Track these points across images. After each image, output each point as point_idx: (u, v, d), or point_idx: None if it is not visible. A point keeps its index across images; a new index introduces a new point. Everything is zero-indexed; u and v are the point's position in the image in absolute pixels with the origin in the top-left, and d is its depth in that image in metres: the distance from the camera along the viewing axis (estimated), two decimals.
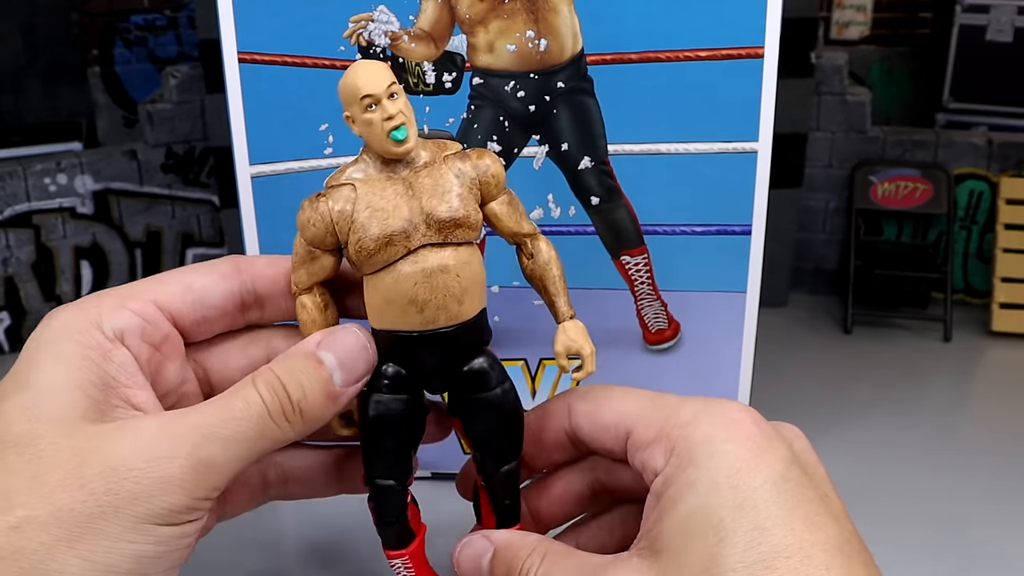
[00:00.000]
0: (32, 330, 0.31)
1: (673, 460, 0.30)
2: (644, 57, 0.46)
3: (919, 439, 0.60)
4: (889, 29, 1.09)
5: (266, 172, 0.46)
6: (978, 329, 0.76)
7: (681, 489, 0.30)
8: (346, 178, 0.32)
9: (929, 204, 0.78)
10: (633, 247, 0.49)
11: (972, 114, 0.98)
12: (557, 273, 0.35)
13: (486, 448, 0.35)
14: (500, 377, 0.34)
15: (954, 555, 0.48)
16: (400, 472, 0.34)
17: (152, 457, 0.28)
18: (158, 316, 0.33)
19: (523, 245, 0.35)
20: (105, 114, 0.95)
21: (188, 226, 0.81)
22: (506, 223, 0.34)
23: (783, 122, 0.48)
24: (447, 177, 0.32)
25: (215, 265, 0.35)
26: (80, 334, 0.30)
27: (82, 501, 0.27)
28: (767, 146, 0.47)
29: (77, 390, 0.29)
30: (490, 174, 0.33)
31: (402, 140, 0.31)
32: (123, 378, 0.31)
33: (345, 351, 0.32)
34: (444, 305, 0.32)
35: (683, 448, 0.30)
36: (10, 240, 0.72)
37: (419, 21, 0.45)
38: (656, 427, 0.32)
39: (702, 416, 0.31)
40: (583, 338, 0.35)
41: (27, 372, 0.30)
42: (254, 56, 0.45)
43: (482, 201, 0.33)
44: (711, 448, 0.30)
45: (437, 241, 0.32)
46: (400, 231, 0.31)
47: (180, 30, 0.96)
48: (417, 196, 0.32)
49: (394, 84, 0.31)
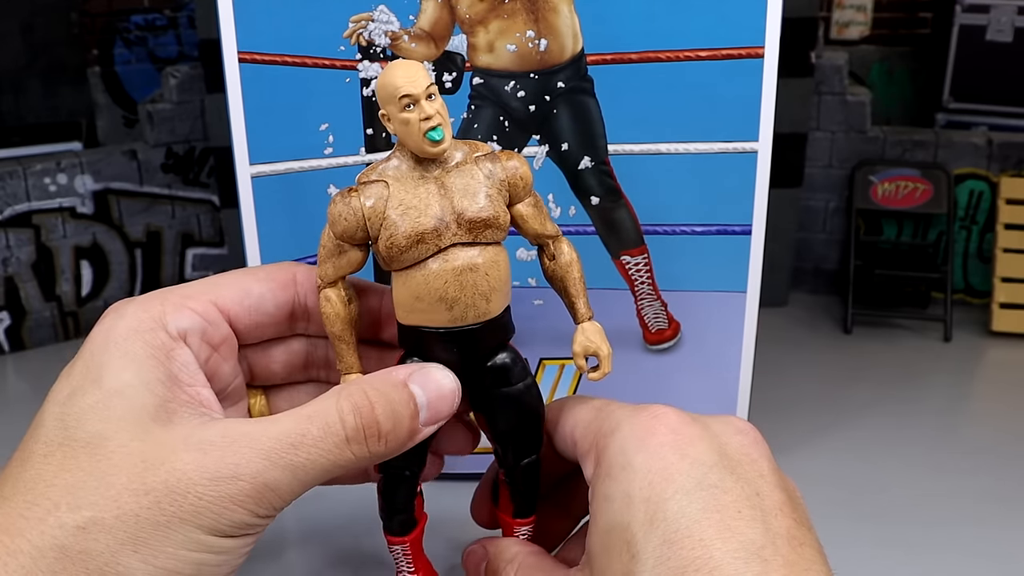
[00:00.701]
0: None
1: (598, 471, 0.30)
2: (644, 57, 0.46)
3: (919, 439, 0.60)
4: (889, 29, 1.09)
5: (266, 172, 0.46)
6: (978, 329, 0.76)
7: (600, 504, 0.29)
8: (378, 175, 0.33)
9: (929, 204, 0.78)
10: (633, 247, 0.49)
11: (972, 114, 0.98)
12: (578, 275, 0.35)
13: (507, 442, 0.36)
14: (522, 373, 0.35)
15: (955, 555, 0.48)
16: (415, 462, 0.35)
17: (216, 477, 0.28)
18: (218, 317, 0.34)
19: (545, 246, 0.36)
20: (105, 114, 0.95)
21: (188, 226, 0.81)
22: (531, 224, 0.35)
23: (783, 122, 0.48)
24: (477, 178, 0.33)
25: (273, 273, 0.36)
26: (147, 333, 0.31)
27: (147, 508, 0.28)
28: (767, 146, 0.47)
29: (145, 390, 0.30)
30: (518, 176, 0.34)
31: (438, 141, 0.32)
32: (186, 376, 0.31)
33: (436, 391, 0.32)
34: (473, 303, 0.33)
35: (604, 459, 0.30)
36: (10, 240, 0.72)
37: (419, 21, 0.45)
38: (590, 437, 0.32)
39: (623, 424, 0.30)
40: (600, 339, 0.35)
41: (98, 370, 0.30)
42: (254, 56, 0.45)
43: (509, 202, 0.34)
44: (625, 460, 0.29)
45: (467, 240, 0.32)
46: (431, 229, 0.32)
47: (180, 30, 0.96)
48: (448, 196, 0.32)
49: (432, 85, 0.32)
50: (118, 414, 0.29)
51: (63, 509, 0.27)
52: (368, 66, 0.46)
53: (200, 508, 0.28)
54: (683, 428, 0.30)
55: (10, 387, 0.70)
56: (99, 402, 0.29)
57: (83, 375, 0.30)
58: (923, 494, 0.54)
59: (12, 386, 0.71)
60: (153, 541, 0.27)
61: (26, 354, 0.74)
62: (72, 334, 0.77)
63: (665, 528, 0.27)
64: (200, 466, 0.28)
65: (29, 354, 0.74)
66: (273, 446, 0.29)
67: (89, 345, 0.31)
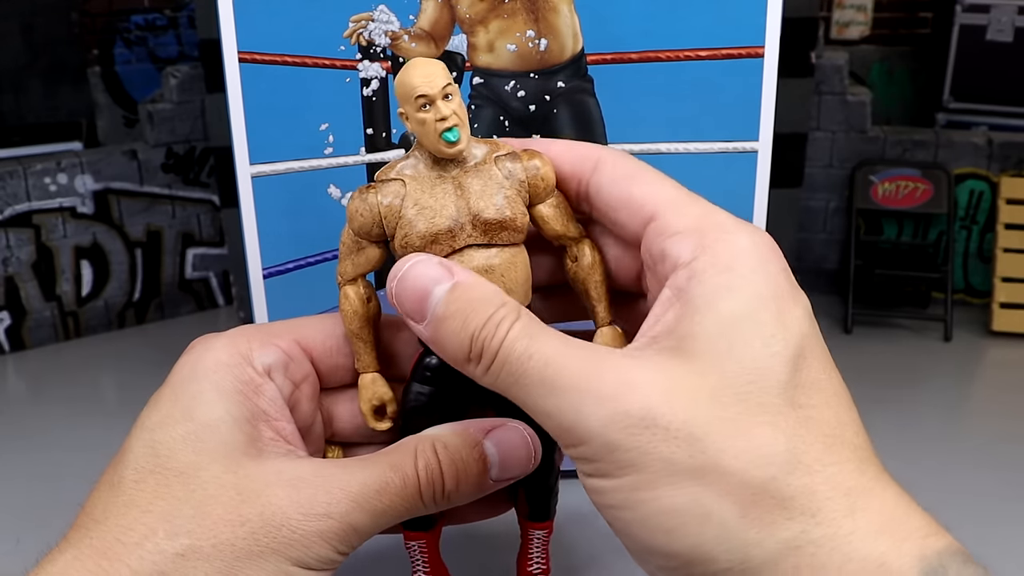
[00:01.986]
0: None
1: (705, 258, 0.28)
2: (644, 57, 0.46)
3: (919, 439, 0.60)
4: (889, 29, 1.09)
5: (266, 172, 0.46)
6: (978, 329, 0.76)
7: (718, 291, 0.27)
8: (396, 173, 0.33)
9: (929, 204, 0.78)
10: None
11: (972, 114, 0.98)
12: (600, 278, 0.34)
13: None
14: None
15: None
16: None
17: (309, 513, 0.29)
18: (301, 355, 0.34)
19: (568, 248, 0.35)
20: (105, 114, 0.95)
21: (188, 226, 0.81)
22: (553, 225, 0.34)
23: (783, 122, 0.48)
24: (496, 178, 0.32)
25: None
26: (235, 368, 0.32)
27: (243, 538, 0.28)
28: (767, 146, 0.47)
29: (235, 425, 0.30)
30: (540, 176, 0.33)
31: (454, 142, 0.31)
32: (273, 412, 0.32)
33: (510, 449, 0.32)
34: None
35: (722, 251, 0.28)
36: (10, 240, 0.72)
37: (419, 21, 0.45)
38: (690, 219, 0.29)
39: (740, 229, 0.29)
40: (619, 344, 0.34)
41: (188, 400, 0.31)
42: (254, 56, 0.45)
43: (530, 202, 0.33)
44: (755, 262, 0.28)
45: (482, 242, 0.32)
46: (445, 230, 0.31)
47: (180, 30, 0.96)
48: (465, 196, 0.32)
49: (450, 85, 0.31)
50: (210, 447, 0.30)
51: (160, 535, 0.28)
52: (368, 66, 0.46)
53: (292, 541, 0.29)
54: (785, 263, 0.29)
55: (10, 387, 0.70)
56: (191, 433, 0.30)
57: (172, 404, 0.31)
58: (923, 494, 0.54)
59: (12, 386, 0.71)
60: (247, 571, 0.28)
61: (26, 354, 0.74)
62: (72, 334, 0.77)
63: (800, 341, 0.27)
64: (294, 501, 0.29)
65: (29, 354, 0.74)
66: (361, 490, 0.30)
67: (177, 375, 0.32)
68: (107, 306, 0.78)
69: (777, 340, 0.26)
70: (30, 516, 0.52)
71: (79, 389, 0.69)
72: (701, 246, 0.28)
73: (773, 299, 0.27)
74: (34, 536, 0.33)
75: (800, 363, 0.26)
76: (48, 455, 0.60)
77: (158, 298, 0.81)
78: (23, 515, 0.52)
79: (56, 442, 0.61)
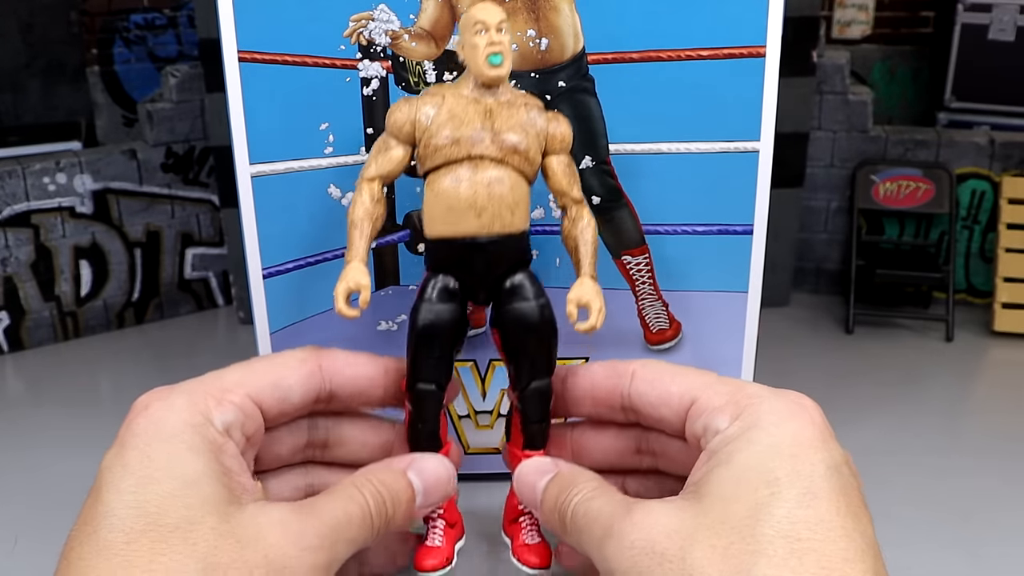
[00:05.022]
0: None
1: (737, 423, 0.32)
2: (645, 56, 0.46)
3: (921, 439, 0.60)
4: (891, 28, 1.09)
5: (266, 171, 0.46)
6: (980, 329, 0.76)
7: (740, 446, 0.31)
8: (439, 89, 0.38)
9: (931, 204, 0.78)
10: (634, 247, 0.49)
11: (974, 113, 0.98)
12: (591, 237, 0.39)
13: (519, 360, 0.38)
14: (537, 293, 0.38)
15: (957, 555, 0.48)
16: (441, 376, 0.38)
17: (304, 547, 0.31)
18: (254, 411, 0.35)
19: (567, 208, 0.39)
20: (104, 113, 0.95)
21: (188, 226, 0.81)
22: (558, 179, 0.39)
23: (785, 121, 0.48)
24: (522, 117, 0.37)
25: (299, 363, 0.37)
26: (200, 427, 0.33)
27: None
28: (768, 145, 0.47)
29: (215, 480, 0.31)
30: (558, 132, 0.38)
31: (497, 65, 0.36)
32: (235, 468, 0.33)
33: (432, 479, 0.37)
34: (499, 213, 0.36)
35: (750, 415, 0.32)
36: (9, 240, 0.72)
37: (420, 20, 0.45)
38: (724, 395, 0.34)
39: (770, 395, 0.33)
40: (594, 294, 0.38)
41: (167, 462, 0.31)
42: (254, 55, 0.44)
43: (545, 151, 0.38)
44: (777, 419, 0.32)
45: (497, 157, 0.36)
46: (468, 137, 0.36)
47: (180, 29, 0.96)
48: (491, 119, 0.37)
49: (505, 23, 0.36)
50: (200, 501, 0.30)
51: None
52: (368, 65, 0.46)
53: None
54: (823, 418, 0.32)
55: (9, 387, 0.70)
56: (178, 490, 0.30)
57: (147, 465, 0.31)
58: (924, 494, 0.54)
59: (11, 386, 0.71)
60: None
61: (25, 354, 0.74)
62: (71, 334, 0.76)
63: (810, 483, 0.29)
64: (288, 540, 0.31)
65: (28, 354, 0.74)
66: (337, 522, 0.33)
67: (139, 436, 0.32)
68: (106, 306, 0.78)
69: (783, 483, 0.29)
70: (29, 517, 0.52)
71: (78, 389, 0.69)
72: (735, 415, 0.33)
73: (790, 447, 0.31)
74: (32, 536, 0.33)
75: (807, 502, 0.29)
76: (47, 455, 0.59)
77: (157, 298, 0.80)
78: (22, 516, 0.52)
79: (55, 442, 0.61)
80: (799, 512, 0.29)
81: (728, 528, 0.29)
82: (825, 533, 0.28)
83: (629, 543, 0.30)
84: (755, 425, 0.32)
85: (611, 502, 0.33)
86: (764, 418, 0.32)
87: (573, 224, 0.39)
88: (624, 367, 0.38)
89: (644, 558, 0.30)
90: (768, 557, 0.28)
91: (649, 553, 0.30)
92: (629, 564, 0.30)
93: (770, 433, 0.31)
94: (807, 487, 0.29)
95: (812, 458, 0.30)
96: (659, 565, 0.29)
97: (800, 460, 0.30)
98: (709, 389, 0.34)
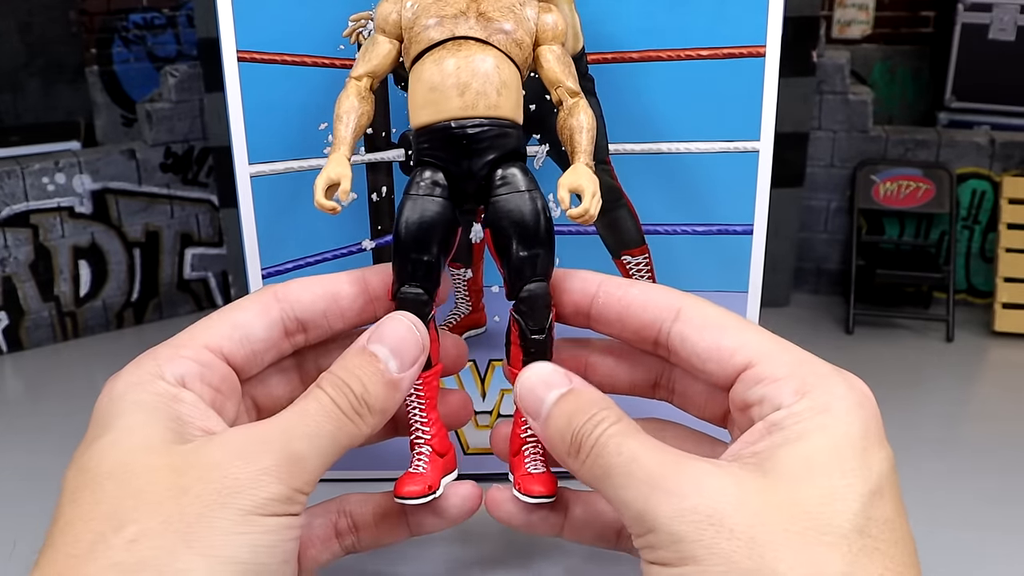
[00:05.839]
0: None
1: (805, 402, 0.30)
2: (645, 56, 0.46)
3: (921, 440, 0.60)
4: (891, 28, 1.09)
5: (265, 171, 0.46)
6: (980, 329, 0.76)
7: (810, 428, 0.30)
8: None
9: (931, 204, 0.78)
10: (634, 247, 0.49)
11: (974, 113, 0.98)
12: (587, 125, 0.37)
13: (514, 260, 0.35)
14: (530, 184, 0.35)
15: (957, 556, 0.48)
16: (429, 282, 0.35)
17: (245, 454, 0.29)
18: (213, 359, 0.34)
19: (563, 100, 0.37)
20: (103, 113, 0.95)
21: (187, 226, 0.80)
22: (552, 68, 0.37)
23: (785, 121, 0.48)
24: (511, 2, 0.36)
25: (254, 298, 0.36)
26: (146, 384, 0.32)
27: (188, 505, 0.28)
28: (768, 145, 0.46)
29: (158, 424, 0.31)
30: (548, 22, 0.37)
31: None
32: (196, 415, 0.32)
33: (395, 338, 0.34)
34: (484, 91, 0.34)
35: (820, 396, 0.31)
36: (8, 240, 0.72)
37: None
38: (786, 366, 0.32)
39: (836, 377, 0.32)
40: (588, 179, 0.35)
41: (106, 420, 0.31)
42: (254, 55, 0.44)
43: (536, 42, 0.37)
44: (848, 407, 0.31)
45: (482, 37, 0.35)
46: (451, 16, 0.35)
47: (179, 29, 0.96)
48: (478, 1, 0.36)
49: None
50: (136, 444, 0.30)
51: (108, 533, 0.28)
52: None
53: (237, 488, 0.29)
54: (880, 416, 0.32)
55: (8, 387, 0.70)
56: (114, 440, 0.30)
57: (93, 430, 0.31)
58: (924, 495, 0.53)
59: (10, 386, 0.70)
60: (203, 533, 0.28)
61: (24, 354, 0.74)
62: (71, 334, 0.76)
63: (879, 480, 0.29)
64: (228, 452, 0.29)
65: (27, 354, 0.74)
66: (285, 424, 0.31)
67: (95, 412, 0.32)
68: (105, 306, 0.78)
69: (857, 475, 0.29)
70: (28, 518, 0.52)
71: (77, 390, 0.69)
72: (801, 392, 0.31)
73: (861, 440, 0.30)
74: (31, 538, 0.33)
75: (876, 500, 0.29)
76: (46, 456, 0.59)
77: (157, 298, 0.80)
78: (21, 516, 0.52)
79: (54, 443, 0.61)
80: (871, 509, 0.28)
81: (801, 512, 0.28)
82: (890, 534, 0.28)
83: (691, 507, 0.28)
84: (827, 410, 0.30)
85: (651, 447, 0.30)
86: (836, 404, 0.30)
87: (569, 116, 0.37)
88: (667, 300, 0.35)
89: (709, 529, 0.27)
90: (842, 552, 0.27)
91: (716, 525, 0.27)
92: (690, 530, 0.28)
93: (843, 421, 0.30)
94: (877, 484, 0.29)
95: (879, 454, 0.30)
96: (726, 540, 0.27)
97: (869, 455, 0.30)
98: (770, 357, 0.32)
